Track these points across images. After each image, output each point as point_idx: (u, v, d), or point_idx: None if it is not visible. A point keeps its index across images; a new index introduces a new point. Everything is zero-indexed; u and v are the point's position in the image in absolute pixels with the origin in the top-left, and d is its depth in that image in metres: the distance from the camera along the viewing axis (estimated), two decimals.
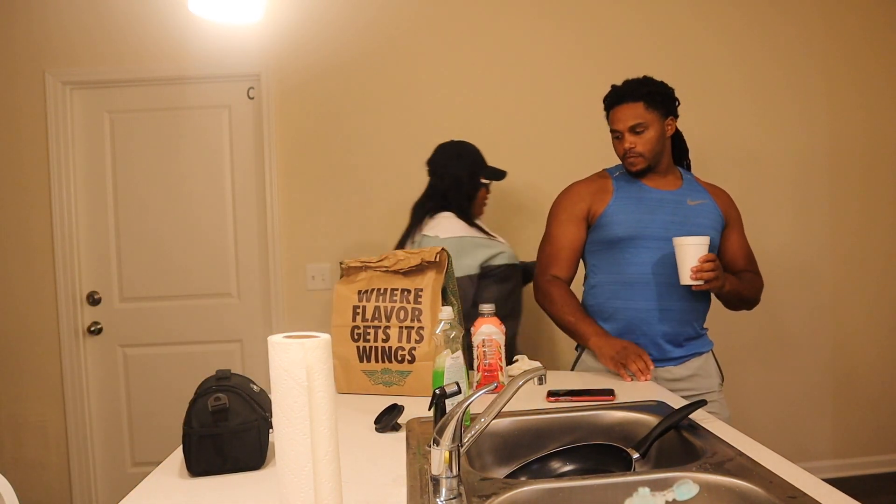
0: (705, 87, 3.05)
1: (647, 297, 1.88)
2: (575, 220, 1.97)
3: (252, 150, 3.12)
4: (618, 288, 1.92)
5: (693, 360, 1.93)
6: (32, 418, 3.08)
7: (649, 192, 1.95)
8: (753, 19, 3.09)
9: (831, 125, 3.10)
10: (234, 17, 1.82)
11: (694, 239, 1.76)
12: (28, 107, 3.03)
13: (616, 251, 1.92)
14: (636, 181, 1.97)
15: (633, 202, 1.93)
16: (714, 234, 1.92)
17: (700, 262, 1.74)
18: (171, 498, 1.15)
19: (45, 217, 3.05)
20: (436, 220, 2.37)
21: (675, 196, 1.95)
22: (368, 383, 1.75)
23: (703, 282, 1.75)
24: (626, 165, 1.95)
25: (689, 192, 1.98)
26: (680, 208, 1.93)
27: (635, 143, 1.89)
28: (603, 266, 1.96)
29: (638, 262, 1.89)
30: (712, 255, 1.77)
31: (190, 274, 3.12)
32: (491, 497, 1.04)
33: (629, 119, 1.89)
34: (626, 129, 1.90)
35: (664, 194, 1.95)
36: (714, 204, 1.98)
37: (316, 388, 0.87)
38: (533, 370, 1.11)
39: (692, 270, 1.74)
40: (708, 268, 1.74)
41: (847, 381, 3.24)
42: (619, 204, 1.93)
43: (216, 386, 1.27)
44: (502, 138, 2.96)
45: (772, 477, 1.05)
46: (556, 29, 3.07)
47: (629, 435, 1.40)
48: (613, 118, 1.93)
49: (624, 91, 1.93)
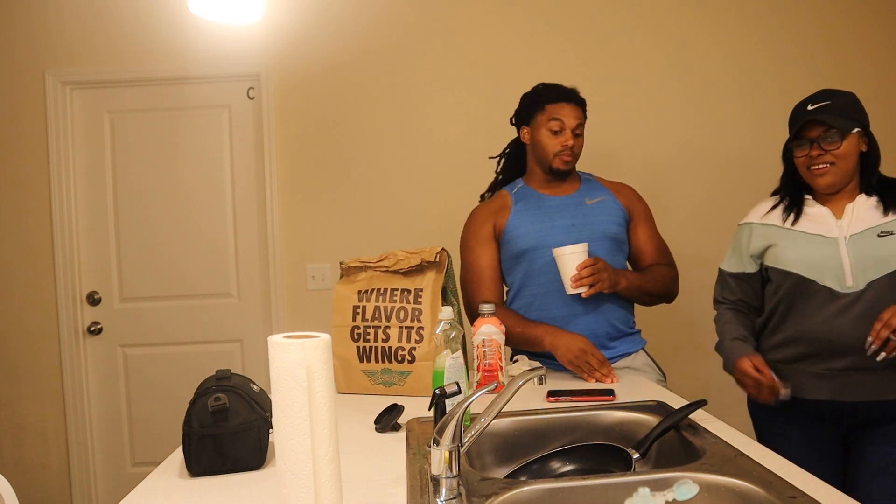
0: (699, 92, 3.05)
1: (561, 304, 1.88)
2: (486, 242, 2.01)
3: (252, 150, 3.12)
4: (532, 299, 1.95)
5: (621, 360, 1.93)
6: (32, 418, 3.08)
7: (547, 201, 1.98)
8: (749, 24, 3.08)
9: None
10: (234, 17, 1.81)
11: (570, 248, 1.79)
12: (28, 107, 3.03)
13: (524, 263, 1.95)
14: (533, 192, 2.01)
15: (532, 212, 1.97)
16: (617, 229, 1.96)
17: (578, 269, 1.76)
18: (171, 498, 1.15)
19: (45, 217, 3.04)
20: None
21: (573, 199, 1.98)
22: (368, 383, 1.75)
23: (588, 287, 1.77)
24: (554, 162, 1.95)
25: (587, 192, 2.01)
26: (579, 209, 1.95)
27: (575, 144, 1.94)
28: (517, 280, 1.98)
29: (546, 271, 1.90)
30: (591, 259, 1.79)
31: (190, 274, 3.12)
32: (491, 497, 1.04)
33: (577, 118, 1.94)
34: (571, 128, 1.93)
35: (562, 200, 1.98)
36: (615, 199, 2.01)
37: (316, 388, 0.87)
38: (533, 370, 1.11)
39: (571, 279, 1.77)
40: (586, 273, 1.76)
41: None
42: (519, 217, 1.97)
43: (216, 386, 1.27)
44: (502, 139, 2.96)
45: (772, 477, 1.05)
46: (555, 32, 3.07)
47: (629, 435, 1.40)
48: (559, 112, 1.94)
49: (571, 92, 1.98)
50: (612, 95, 3.02)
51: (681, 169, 3.05)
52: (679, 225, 2.91)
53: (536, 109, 1.98)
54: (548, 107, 1.95)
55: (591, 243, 1.87)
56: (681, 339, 2.90)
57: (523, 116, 2.03)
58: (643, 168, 2.99)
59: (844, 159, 1.61)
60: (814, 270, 1.61)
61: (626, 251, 2.02)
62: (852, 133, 1.61)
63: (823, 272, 1.60)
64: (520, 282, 1.97)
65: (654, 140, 3.04)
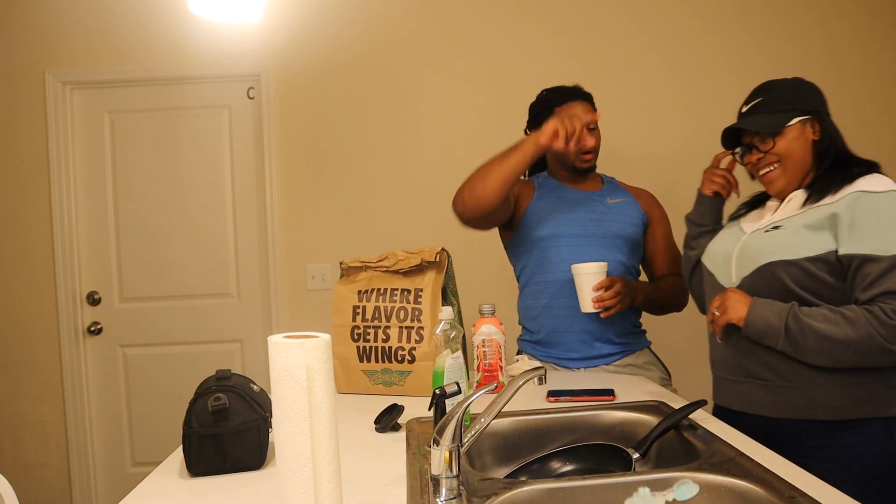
0: (700, 92, 3.04)
1: (571, 293, 1.87)
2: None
3: (252, 150, 3.12)
4: (542, 287, 1.95)
5: (626, 358, 1.94)
6: (32, 418, 3.08)
7: (569, 192, 1.99)
8: (750, 25, 3.08)
9: None
10: (234, 17, 1.82)
11: (588, 267, 1.79)
12: (28, 107, 3.03)
13: (538, 250, 1.95)
14: (556, 183, 2.02)
15: (553, 201, 1.97)
16: (633, 231, 1.97)
17: (595, 289, 1.77)
18: (171, 498, 1.15)
19: (45, 217, 3.05)
20: None
21: (595, 195, 1.99)
22: (368, 383, 1.75)
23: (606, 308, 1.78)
24: (577, 162, 1.95)
25: (610, 192, 2.02)
26: (599, 206, 1.96)
27: (591, 141, 1.91)
28: (529, 266, 1.98)
29: (559, 260, 1.91)
30: (608, 280, 1.78)
31: (190, 274, 3.12)
32: (491, 497, 1.04)
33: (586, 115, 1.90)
34: (586, 125, 1.88)
35: (584, 194, 1.99)
36: (635, 202, 2.02)
37: (316, 388, 0.87)
38: (533, 370, 1.11)
39: (594, 301, 1.77)
40: (608, 296, 1.77)
41: None
42: (539, 204, 1.97)
43: (216, 386, 1.27)
44: (503, 140, 2.95)
45: (772, 477, 1.05)
46: (556, 32, 3.07)
47: (629, 435, 1.40)
48: (571, 113, 1.88)
49: (577, 90, 1.97)
50: (613, 95, 3.02)
51: (682, 169, 3.04)
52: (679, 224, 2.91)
53: (547, 116, 1.94)
54: (557, 110, 1.94)
55: (606, 241, 1.89)
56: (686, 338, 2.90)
57: (536, 126, 2.00)
58: (645, 168, 2.99)
59: (789, 156, 1.47)
60: (716, 263, 1.56)
61: (640, 254, 2.03)
62: (789, 125, 1.46)
63: (720, 266, 1.55)
64: (532, 269, 1.97)
65: (656, 140, 3.04)
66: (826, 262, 1.36)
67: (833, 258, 1.36)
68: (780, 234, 1.42)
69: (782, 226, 1.44)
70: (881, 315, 1.27)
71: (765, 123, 1.48)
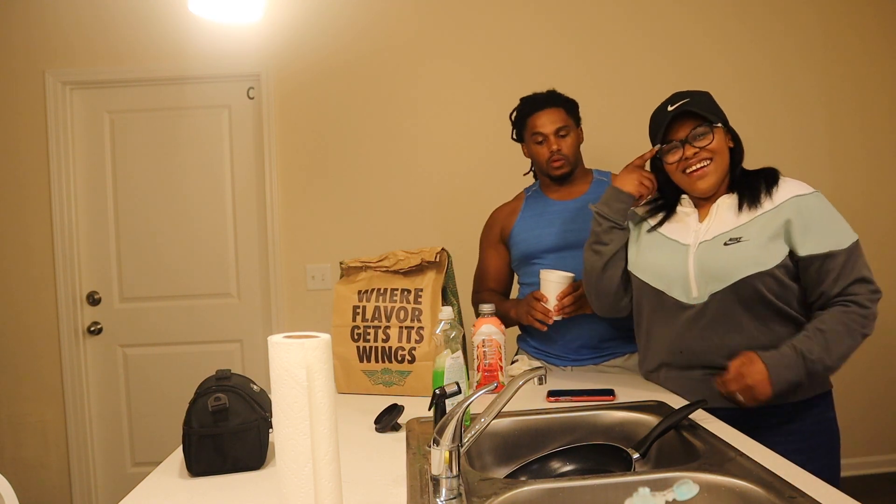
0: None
1: None
2: (493, 246, 2.08)
3: (252, 150, 3.12)
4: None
5: (612, 360, 1.93)
6: (32, 418, 3.08)
7: (551, 206, 2.00)
8: (752, 27, 3.08)
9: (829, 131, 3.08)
10: (234, 17, 1.81)
11: (554, 275, 1.83)
12: (28, 107, 3.03)
13: (527, 266, 2.00)
14: (542, 197, 2.03)
15: (535, 218, 2.00)
16: None
17: (558, 298, 1.81)
18: (171, 498, 1.15)
19: (45, 217, 3.05)
20: None
21: (576, 203, 1.97)
22: (368, 383, 1.75)
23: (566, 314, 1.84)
24: (549, 170, 1.96)
25: (595, 194, 1.97)
26: (579, 215, 1.94)
27: (561, 146, 1.92)
28: (524, 281, 2.04)
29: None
30: (570, 288, 1.82)
31: (190, 274, 3.12)
32: (491, 497, 1.04)
33: (554, 122, 1.92)
34: (552, 133, 1.91)
35: (565, 205, 1.99)
36: None
37: (316, 388, 0.87)
38: (533, 370, 1.11)
39: (555, 309, 1.82)
40: (568, 301, 1.82)
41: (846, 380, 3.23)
42: (522, 223, 2.02)
43: (216, 386, 1.27)
44: (502, 140, 2.96)
45: (772, 477, 1.05)
46: (557, 33, 3.07)
47: (629, 435, 1.40)
48: (535, 123, 1.93)
49: (545, 98, 1.96)
50: (613, 95, 3.02)
51: None
52: None
53: (522, 126, 2.00)
54: (528, 120, 1.96)
55: (579, 250, 1.88)
56: None
57: (516, 135, 2.05)
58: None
59: (720, 154, 1.52)
60: (663, 280, 1.56)
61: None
62: (718, 127, 1.52)
63: (671, 282, 1.55)
64: (526, 283, 2.03)
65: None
66: (786, 267, 1.46)
67: (790, 262, 1.46)
68: (747, 247, 1.48)
69: (743, 237, 1.48)
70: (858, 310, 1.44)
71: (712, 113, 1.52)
